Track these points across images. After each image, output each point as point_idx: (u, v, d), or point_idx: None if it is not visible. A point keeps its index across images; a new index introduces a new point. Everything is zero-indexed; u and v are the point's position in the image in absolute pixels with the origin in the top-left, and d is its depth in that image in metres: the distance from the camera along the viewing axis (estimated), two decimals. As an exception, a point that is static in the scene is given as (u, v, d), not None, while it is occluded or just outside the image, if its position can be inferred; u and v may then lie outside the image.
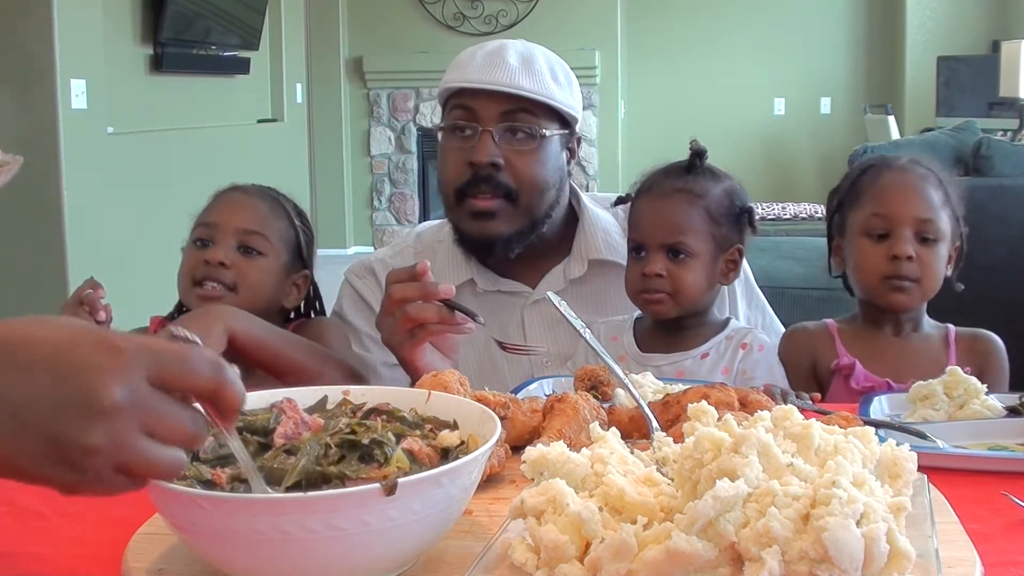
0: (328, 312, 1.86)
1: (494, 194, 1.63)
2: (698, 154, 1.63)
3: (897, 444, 0.90)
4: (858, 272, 1.63)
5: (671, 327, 1.64)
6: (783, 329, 1.83)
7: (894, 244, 1.57)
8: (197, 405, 0.72)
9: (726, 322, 1.67)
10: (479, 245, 1.70)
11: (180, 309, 1.74)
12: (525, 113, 1.64)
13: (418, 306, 1.38)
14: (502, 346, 1.50)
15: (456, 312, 1.40)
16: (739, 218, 1.63)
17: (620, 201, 1.74)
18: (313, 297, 1.84)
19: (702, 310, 1.65)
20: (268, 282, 1.71)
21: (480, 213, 1.65)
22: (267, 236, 1.71)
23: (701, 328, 1.65)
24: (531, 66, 1.65)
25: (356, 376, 1.58)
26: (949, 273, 1.62)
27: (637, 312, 1.68)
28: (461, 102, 1.66)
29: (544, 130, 1.65)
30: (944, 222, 1.59)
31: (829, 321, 1.69)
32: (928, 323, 1.66)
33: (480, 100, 1.64)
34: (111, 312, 1.57)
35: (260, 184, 1.83)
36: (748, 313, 1.80)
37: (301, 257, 1.78)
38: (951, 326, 1.65)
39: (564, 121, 1.69)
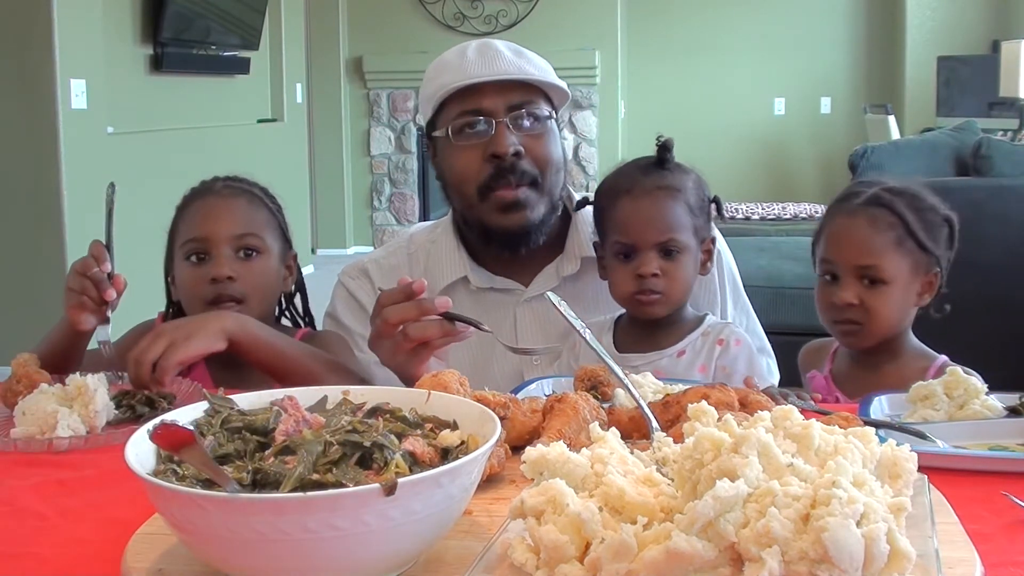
0: (317, 307, 1.85)
1: (519, 183, 1.65)
2: (666, 148, 1.63)
3: (897, 444, 0.90)
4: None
5: (648, 325, 1.64)
6: (763, 334, 1.82)
7: (839, 290, 1.62)
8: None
9: (702, 318, 1.67)
10: (511, 237, 1.69)
11: (181, 308, 1.74)
12: (529, 101, 1.66)
13: (420, 326, 1.36)
14: (513, 350, 1.48)
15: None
16: (708, 208, 1.66)
17: (580, 205, 1.74)
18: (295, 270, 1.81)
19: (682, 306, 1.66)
20: (272, 279, 1.71)
21: (511, 204, 1.65)
22: (259, 234, 1.70)
23: (677, 325, 1.64)
24: (523, 54, 1.70)
25: (362, 382, 1.56)
26: (926, 302, 1.64)
27: (618, 312, 1.68)
28: (465, 104, 1.65)
29: (548, 112, 1.68)
30: (895, 262, 1.59)
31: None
32: (915, 353, 1.66)
33: (486, 95, 1.64)
34: (121, 284, 1.49)
35: (227, 180, 1.77)
36: (734, 314, 1.80)
37: (286, 238, 1.77)
38: (942, 359, 1.62)
39: (552, 105, 1.72)
